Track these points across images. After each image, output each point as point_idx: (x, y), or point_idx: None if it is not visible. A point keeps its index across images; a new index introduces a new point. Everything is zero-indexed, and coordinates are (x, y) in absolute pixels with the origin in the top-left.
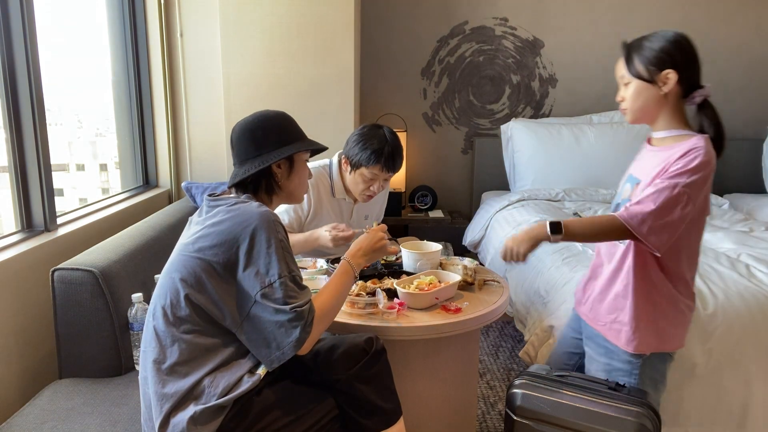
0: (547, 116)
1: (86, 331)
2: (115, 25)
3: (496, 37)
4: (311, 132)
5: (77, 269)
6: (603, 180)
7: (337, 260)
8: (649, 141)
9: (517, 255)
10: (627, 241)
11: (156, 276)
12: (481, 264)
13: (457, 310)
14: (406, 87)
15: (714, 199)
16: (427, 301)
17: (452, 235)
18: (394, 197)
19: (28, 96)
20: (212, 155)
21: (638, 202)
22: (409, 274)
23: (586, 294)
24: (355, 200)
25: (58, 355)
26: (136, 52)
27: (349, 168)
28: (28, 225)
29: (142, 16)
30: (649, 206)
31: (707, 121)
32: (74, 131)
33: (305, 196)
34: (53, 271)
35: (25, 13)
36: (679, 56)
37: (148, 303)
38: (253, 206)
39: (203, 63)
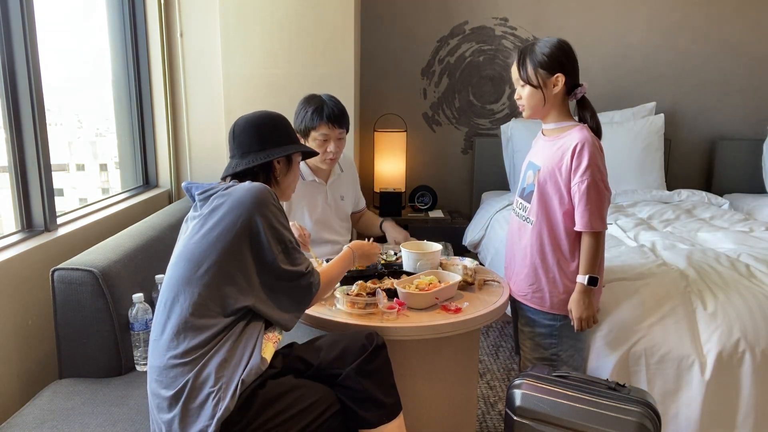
0: None
1: (86, 331)
2: (115, 25)
3: (496, 37)
4: None
5: (77, 269)
6: None
7: None
8: (542, 132)
9: (592, 320)
10: (534, 219)
11: (156, 276)
12: (481, 264)
13: (457, 310)
14: (406, 87)
15: (714, 198)
16: (427, 301)
17: (452, 235)
18: (394, 197)
19: (28, 96)
20: (212, 155)
21: (578, 212)
22: (409, 274)
23: (510, 272)
24: (326, 180)
25: (58, 355)
26: (136, 52)
27: (303, 141)
28: (28, 225)
29: (142, 16)
30: (588, 209)
31: (587, 113)
32: (74, 131)
33: None
34: (53, 271)
35: (25, 13)
36: (565, 60)
37: (149, 303)
38: (246, 184)
39: (203, 63)
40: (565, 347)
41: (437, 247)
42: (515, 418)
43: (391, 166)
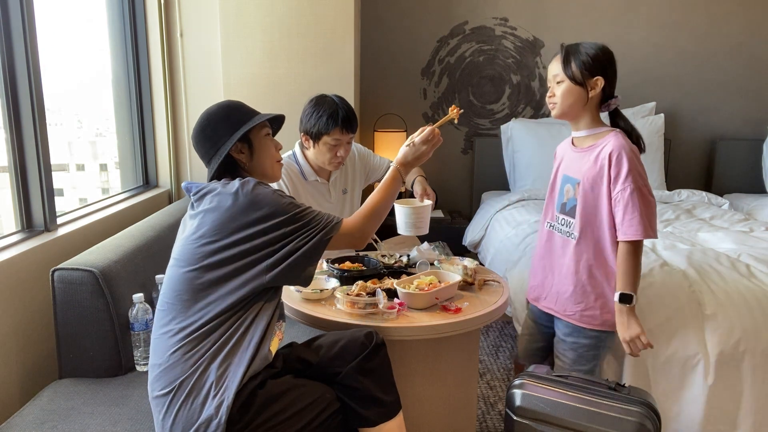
0: (547, 116)
1: (86, 331)
2: (115, 25)
3: (496, 37)
4: None
5: (77, 269)
6: None
7: (337, 260)
8: (573, 143)
9: (642, 341)
10: (578, 234)
11: (156, 276)
12: (481, 264)
13: (457, 310)
14: (406, 87)
15: (714, 199)
16: (427, 301)
17: (452, 235)
18: None
19: (28, 96)
20: None
21: (625, 221)
22: (408, 274)
23: (545, 290)
24: (327, 178)
25: (58, 355)
26: (136, 52)
27: (311, 144)
28: (28, 225)
29: (142, 16)
30: (636, 216)
31: (621, 122)
32: (74, 131)
33: (284, 188)
34: (53, 271)
35: (25, 13)
36: (608, 66)
37: (149, 303)
38: (236, 181)
39: (203, 63)
40: (603, 359)
41: (428, 202)
42: (515, 418)
43: None
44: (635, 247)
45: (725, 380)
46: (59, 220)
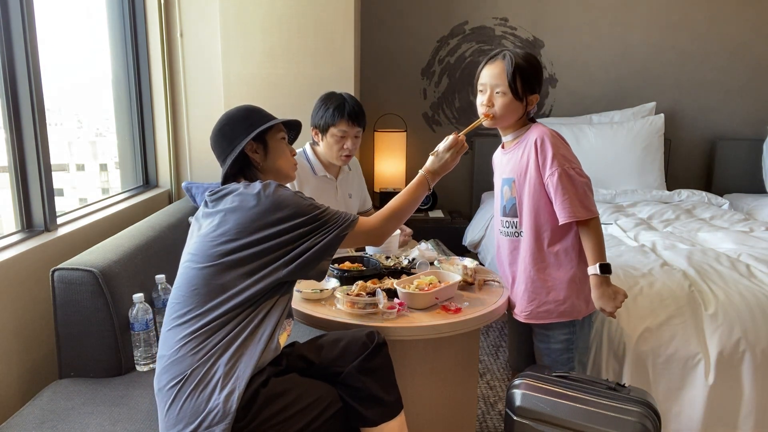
0: (547, 116)
1: (86, 331)
2: (115, 25)
3: (496, 37)
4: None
5: (77, 269)
6: (603, 180)
7: (337, 260)
8: (502, 146)
9: (622, 299)
10: (524, 230)
11: (156, 276)
12: (481, 264)
13: (457, 310)
14: (406, 87)
15: (714, 198)
16: (427, 301)
17: (452, 235)
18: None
19: (28, 96)
20: (212, 155)
21: (558, 205)
22: (408, 274)
23: (513, 296)
24: (336, 176)
25: (58, 355)
26: (136, 52)
27: (320, 137)
28: (28, 225)
29: (142, 16)
30: (566, 198)
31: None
32: (74, 131)
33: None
34: (53, 271)
35: (25, 13)
36: (541, 81)
37: (149, 303)
38: (257, 183)
39: (203, 63)
40: (579, 353)
41: (396, 232)
42: (515, 418)
43: (391, 166)
44: (587, 225)
45: (725, 380)
46: (59, 220)
